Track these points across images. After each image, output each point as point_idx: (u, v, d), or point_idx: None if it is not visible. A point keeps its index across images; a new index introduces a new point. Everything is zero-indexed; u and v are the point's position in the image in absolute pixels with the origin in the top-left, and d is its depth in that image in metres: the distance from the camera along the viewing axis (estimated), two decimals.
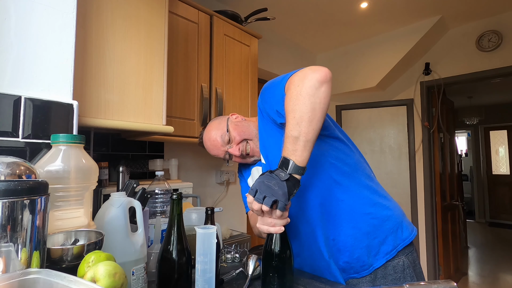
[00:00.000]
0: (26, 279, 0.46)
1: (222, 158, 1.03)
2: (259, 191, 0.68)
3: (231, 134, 0.99)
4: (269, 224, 0.72)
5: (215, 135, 1.00)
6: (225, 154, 1.01)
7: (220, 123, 1.02)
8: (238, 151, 0.98)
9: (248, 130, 1.01)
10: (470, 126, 6.34)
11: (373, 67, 2.91)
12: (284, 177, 0.69)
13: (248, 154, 1.00)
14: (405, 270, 0.86)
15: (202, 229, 0.71)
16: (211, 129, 1.02)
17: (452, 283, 0.58)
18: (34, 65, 0.83)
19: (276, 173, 0.70)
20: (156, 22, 1.29)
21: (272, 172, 0.71)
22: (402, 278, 0.85)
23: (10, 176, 0.59)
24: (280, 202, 0.67)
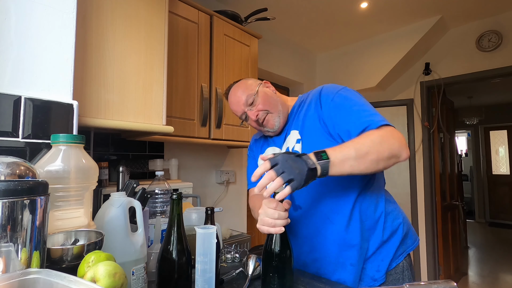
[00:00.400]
0: (26, 279, 0.46)
1: (239, 116, 1.03)
2: (281, 164, 0.68)
3: (256, 99, 0.98)
4: (270, 225, 0.72)
5: (241, 93, 1.00)
6: (243, 114, 1.01)
7: (252, 84, 1.02)
8: (255, 116, 0.98)
9: (274, 103, 1.00)
10: (470, 126, 6.34)
11: (373, 67, 2.91)
12: (311, 165, 0.69)
13: (263, 123, 0.99)
14: (404, 272, 0.91)
15: (202, 229, 0.71)
16: (241, 86, 1.02)
17: (452, 283, 0.58)
18: (34, 65, 0.83)
19: (305, 158, 0.70)
20: (156, 22, 1.29)
21: (299, 156, 0.71)
22: (401, 278, 0.90)
23: (10, 176, 0.59)
24: (296, 181, 0.67)
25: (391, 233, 0.92)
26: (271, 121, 0.99)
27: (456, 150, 3.75)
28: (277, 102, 1.01)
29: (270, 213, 0.72)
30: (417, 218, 2.95)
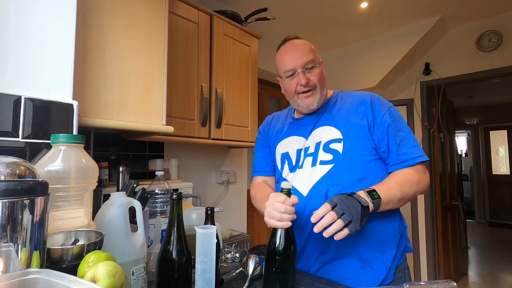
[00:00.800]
0: (26, 279, 0.46)
1: (285, 70, 0.94)
2: (340, 206, 0.71)
3: (315, 68, 0.94)
4: (276, 218, 0.72)
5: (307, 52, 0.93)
6: (291, 71, 0.93)
7: (317, 53, 0.98)
8: (304, 81, 0.92)
9: (324, 85, 0.97)
10: (470, 126, 6.34)
11: (373, 67, 2.91)
12: (365, 203, 0.74)
13: (304, 93, 0.94)
14: (404, 270, 0.93)
15: (202, 229, 0.71)
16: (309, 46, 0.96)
17: (452, 283, 0.58)
18: (34, 65, 0.83)
19: (356, 197, 0.75)
20: (156, 22, 1.29)
21: (350, 195, 0.75)
22: (403, 277, 0.91)
23: (10, 176, 0.59)
24: (354, 223, 0.71)
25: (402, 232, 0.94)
26: (313, 98, 0.95)
27: (456, 150, 3.75)
28: (325, 85, 0.99)
29: (277, 206, 0.72)
30: (417, 218, 2.95)
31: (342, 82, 3.10)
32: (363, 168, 0.89)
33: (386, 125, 0.91)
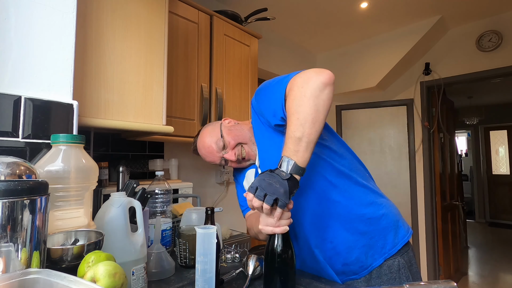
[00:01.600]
0: (26, 279, 0.46)
1: (218, 164, 1.02)
2: (260, 188, 0.68)
3: (225, 139, 0.97)
4: (273, 225, 0.71)
5: (209, 142, 0.99)
6: (221, 160, 1.00)
7: (213, 129, 1.01)
8: (234, 156, 0.97)
9: (242, 133, 1.00)
10: (470, 126, 6.34)
11: (373, 67, 2.91)
12: (286, 176, 0.69)
13: (244, 158, 0.99)
14: (400, 270, 0.86)
15: (202, 229, 0.71)
16: (205, 136, 1.01)
17: (452, 283, 0.58)
18: (34, 65, 0.83)
19: (277, 172, 0.70)
20: (156, 22, 1.29)
21: (272, 171, 0.71)
22: (398, 278, 0.85)
23: (10, 176, 0.59)
24: (280, 200, 0.68)
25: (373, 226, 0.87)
26: (251, 152, 0.98)
27: (456, 150, 3.75)
28: (243, 130, 1.00)
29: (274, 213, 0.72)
30: (417, 218, 2.95)
31: (342, 82, 3.10)
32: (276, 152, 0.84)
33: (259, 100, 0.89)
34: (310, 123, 0.70)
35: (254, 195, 0.69)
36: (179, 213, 1.32)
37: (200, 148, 1.03)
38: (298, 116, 0.71)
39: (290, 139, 0.72)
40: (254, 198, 0.68)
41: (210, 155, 1.00)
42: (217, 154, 0.98)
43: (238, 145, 0.98)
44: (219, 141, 0.97)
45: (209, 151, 0.99)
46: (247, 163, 1.01)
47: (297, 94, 0.73)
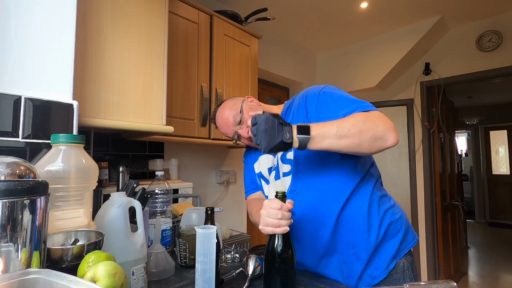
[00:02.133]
0: (26, 279, 0.46)
1: (231, 137, 1.02)
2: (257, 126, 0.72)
3: (243, 115, 0.97)
4: (274, 225, 0.72)
5: (227, 114, 0.99)
6: (234, 134, 1.00)
7: (235, 103, 1.01)
8: (247, 133, 0.96)
9: None
10: (470, 126, 6.34)
11: (373, 67, 2.91)
12: (287, 139, 0.71)
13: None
14: (404, 271, 0.89)
15: (202, 229, 0.71)
16: (225, 107, 1.01)
17: (452, 283, 0.58)
18: (34, 65, 0.83)
19: (286, 129, 0.72)
20: (156, 22, 1.29)
21: (283, 124, 0.73)
22: (402, 278, 0.88)
23: (10, 176, 0.59)
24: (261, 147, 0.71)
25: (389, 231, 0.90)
26: None
27: (456, 150, 3.75)
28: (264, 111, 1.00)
29: (273, 213, 0.72)
30: (417, 218, 2.95)
31: (342, 82, 3.10)
32: (320, 166, 0.88)
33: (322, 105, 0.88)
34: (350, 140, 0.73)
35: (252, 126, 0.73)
36: (179, 213, 1.32)
37: (218, 118, 1.03)
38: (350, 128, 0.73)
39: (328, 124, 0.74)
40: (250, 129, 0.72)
41: (225, 127, 1.00)
42: (232, 127, 0.99)
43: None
44: (237, 115, 0.97)
45: (225, 123, 1.00)
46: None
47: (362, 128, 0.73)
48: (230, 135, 1.01)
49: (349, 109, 0.80)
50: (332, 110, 0.84)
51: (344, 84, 3.08)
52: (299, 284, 0.82)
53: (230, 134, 1.01)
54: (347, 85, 3.07)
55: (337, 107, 0.84)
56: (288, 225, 0.72)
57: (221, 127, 1.02)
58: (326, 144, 0.73)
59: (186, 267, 0.97)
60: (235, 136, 1.01)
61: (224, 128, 1.01)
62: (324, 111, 0.87)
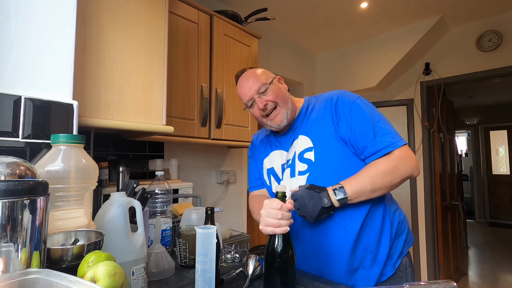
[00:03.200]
0: (26, 279, 0.46)
1: (245, 101, 0.99)
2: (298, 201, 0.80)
3: (269, 89, 0.95)
4: (274, 225, 0.72)
5: (255, 79, 0.96)
6: (250, 100, 0.97)
7: (268, 74, 0.99)
8: (263, 104, 0.94)
9: (285, 99, 0.97)
10: (470, 126, 6.34)
11: (373, 67, 2.91)
12: (326, 204, 0.79)
13: (268, 115, 0.96)
14: (407, 269, 0.93)
15: (202, 229, 0.71)
16: (258, 72, 0.99)
17: (452, 283, 0.58)
18: (34, 65, 0.83)
19: (322, 195, 0.79)
20: (156, 22, 1.29)
21: (318, 191, 0.78)
22: (405, 276, 0.91)
23: (10, 176, 0.59)
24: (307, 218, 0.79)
25: (398, 230, 0.94)
26: (279, 116, 0.96)
27: (456, 150, 3.75)
28: (288, 99, 0.98)
29: (274, 213, 0.72)
30: (417, 218, 2.95)
31: (342, 82, 3.10)
32: (340, 170, 0.89)
33: (352, 121, 0.89)
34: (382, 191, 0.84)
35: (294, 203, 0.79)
36: (179, 213, 1.32)
37: (243, 78, 0.99)
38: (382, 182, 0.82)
39: (361, 181, 0.82)
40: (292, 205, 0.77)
41: (247, 88, 0.97)
42: (252, 91, 0.96)
43: (273, 103, 0.96)
44: (264, 86, 0.95)
45: (249, 85, 0.97)
46: (267, 122, 0.98)
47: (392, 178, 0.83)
48: (246, 99, 0.98)
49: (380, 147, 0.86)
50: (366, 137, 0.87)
51: (344, 84, 3.08)
52: (299, 284, 0.82)
53: (246, 98, 0.98)
54: (347, 85, 3.07)
55: (370, 137, 0.87)
56: (288, 225, 0.72)
57: (242, 87, 0.99)
58: (362, 199, 0.83)
59: (186, 267, 0.97)
60: (249, 103, 0.98)
61: (245, 89, 0.97)
62: (358, 132, 0.88)
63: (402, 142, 0.86)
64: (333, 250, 0.89)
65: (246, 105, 1.00)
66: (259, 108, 0.95)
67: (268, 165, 1.06)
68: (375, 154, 0.86)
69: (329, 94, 0.98)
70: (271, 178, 1.05)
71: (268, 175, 1.06)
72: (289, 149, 1.00)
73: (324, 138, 0.92)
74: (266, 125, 1.01)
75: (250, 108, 1.00)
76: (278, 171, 1.02)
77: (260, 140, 1.14)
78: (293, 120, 1.00)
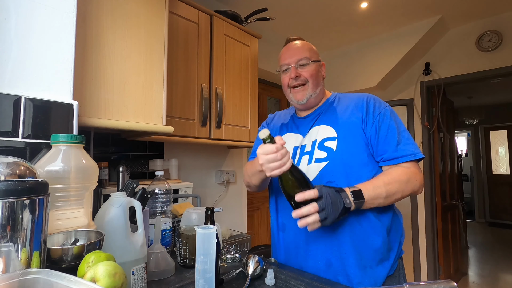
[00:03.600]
0: (26, 279, 0.46)
1: (281, 64, 1.03)
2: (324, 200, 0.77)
3: (309, 66, 1.00)
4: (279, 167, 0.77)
5: (304, 50, 1.01)
6: (287, 65, 1.01)
7: (315, 54, 1.04)
8: (294, 75, 0.99)
9: (318, 82, 1.02)
10: (470, 126, 6.34)
11: (373, 67, 2.91)
12: (348, 204, 0.79)
13: (295, 86, 1.01)
14: (400, 270, 0.95)
15: (202, 229, 0.71)
16: (308, 46, 1.04)
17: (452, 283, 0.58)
18: (34, 65, 0.83)
19: (343, 195, 0.80)
20: (156, 22, 1.29)
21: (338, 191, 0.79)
22: (398, 276, 0.93)
23: (10, 176, 0.59)
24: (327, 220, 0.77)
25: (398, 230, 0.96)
26: (303, 92, 1.00)
27: (456, 150, 3.75)
28: (319, 84, 1.03)
29: (272, 157, 0.76)
30: (417, 218, 2.95)
31: (342, 82, 3.10)
32: (357, 165, 0.91)
33: (379, 123, 0.92)
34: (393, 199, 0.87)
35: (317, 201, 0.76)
36: (179, 213, 1.32)
37: (295, 42, 1.04)
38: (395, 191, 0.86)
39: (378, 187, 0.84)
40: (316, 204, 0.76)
41: (291, 52, 1.01)
42: (295, 57, 1.00)
43: (305, 79, 1.00)
44: (307, 59, 1.00)
45: (294, 52, 1.01)
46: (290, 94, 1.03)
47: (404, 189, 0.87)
48: (285, 61, 1.01)
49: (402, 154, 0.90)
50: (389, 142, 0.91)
51: (344, 84, 3.08)
52: (299, 284, 0.82)
53: (286, 61, 1.01)
54: (347, 85, 3.07)
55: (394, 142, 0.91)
56: (289, 157, 0.79)
57: (288, 49, 1.03)
58: (375, 204, 0.85)
59: (186, 267, 0.97)
60: (284, 67, 1.02)
61: (289, 53, 1.02)
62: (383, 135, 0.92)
63: (421, 154, 0.90)
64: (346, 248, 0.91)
65: (281, 68, 1.04)
66: (290, 76, 1.00)
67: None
68: (395, 160, 0.90)
69: (361, 94, 1.02)
70: None
71: None
72: (306, 135, 1.02)
73: (350, 131, 0.94)
74: (288, 97, 1.05)
75: (281, 73, 1.04)
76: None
77: (277, 119, 1.17)
78: (316, 108, 1.04)
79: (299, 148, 1.01)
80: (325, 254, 0.92)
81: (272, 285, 0.82)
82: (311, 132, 1.01)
